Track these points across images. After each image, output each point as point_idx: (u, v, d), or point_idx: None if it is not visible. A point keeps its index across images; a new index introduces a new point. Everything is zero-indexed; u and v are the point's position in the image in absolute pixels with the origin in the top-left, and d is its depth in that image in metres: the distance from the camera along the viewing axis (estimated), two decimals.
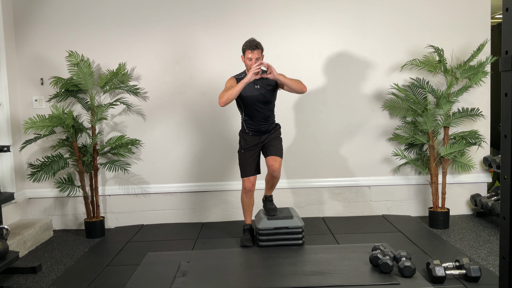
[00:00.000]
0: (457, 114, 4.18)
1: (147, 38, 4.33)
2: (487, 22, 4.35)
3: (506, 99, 1.35)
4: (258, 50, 3.39)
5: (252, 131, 3.58)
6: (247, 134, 3.60)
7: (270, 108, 3.57)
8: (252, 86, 3.44)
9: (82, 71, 3.98)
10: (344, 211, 4.50)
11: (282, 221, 3.54)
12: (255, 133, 3.58)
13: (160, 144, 4.42)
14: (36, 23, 4.29)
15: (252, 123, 3.56)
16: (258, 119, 3.54)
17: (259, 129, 3.56)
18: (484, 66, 4.04)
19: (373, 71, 4.39)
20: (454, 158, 4.12)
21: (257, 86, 3.47)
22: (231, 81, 3.46)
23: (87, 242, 4.01)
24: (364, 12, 4.35)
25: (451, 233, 3.92)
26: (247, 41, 3.44)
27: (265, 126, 3.57)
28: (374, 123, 4.43)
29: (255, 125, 3.55)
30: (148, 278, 2.96)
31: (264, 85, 3.49)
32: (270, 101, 3.55)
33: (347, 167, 4.48)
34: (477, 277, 2.78)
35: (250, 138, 3.59)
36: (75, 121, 4.05)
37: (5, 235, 3.23)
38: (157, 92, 4.38)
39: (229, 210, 4.48)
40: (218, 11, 4.34)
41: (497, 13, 5.65)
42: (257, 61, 3.37)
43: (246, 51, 3.41)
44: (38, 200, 4.41)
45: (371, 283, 2.73)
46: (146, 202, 4.46)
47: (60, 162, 4.03)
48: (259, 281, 2.85)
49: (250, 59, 3.39)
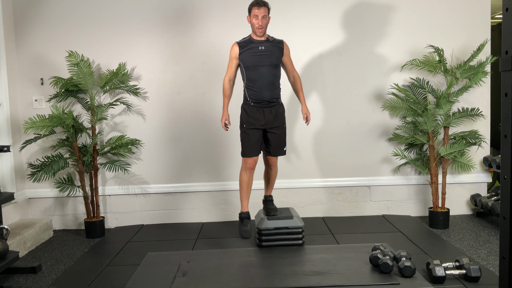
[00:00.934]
0: (457, 114, 4.18)
1: (147, 38, 4.33)
2: (487, 22, 4.35)
3: (506, 99, 1.35)
4: (265, 8, 3.30)
5: (254, 99, 3.37)
6: (248, 105, 3.41)
7: (274, 74, 3.41)
8: (256, 48, 3.35)
9: (82, 71, 3.98)
10: (344, 211, 4.50)
11: (282, 221, 3.54)
12: (257, 102, 3.37)
13: (160, 144, 4.42)
14: (36, 23, 4.29)
15: (254, 88, 3.36)
16: (261, 83, 3.35)
17: (261, 96, 3.35)
18: (484, 66, 4.04)
19: (373, 71, 4.39)
20: (454, 158, 4.12)
21: (262, 47, 3.36)
22: (232, 51, 3.40)
23: (87, 242, 4.01)
24: (364, 12, 4.35)
25: (451, 233, 3.92)
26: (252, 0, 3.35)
27: (268, 93, 3.36)
28: (374, 123, 4.43)
29: (258, 90, 3.35)
30: (148, 278, 2.96)
31: (270, 46, 3.39)
32: (275, 64, 3.40)
33: (347, 167, 4.48)
34: (477, 277, 2.78)
35: (252, 110, 3.39)
36: (75, 121, 4.05)
37: (5, 235, 3.23)
38: (157, 92, 4.38)
39: (229, 210, 4.48)
40: (218, 11, 4.34)
41: (497, 13, 5.65)
42: (263, 19, 3.30)
43: (252, 8, 3.31)
44: (38, 200, 4.41)
45: (371, 283, 2.73)
46: (146, 202, 4.46)
47: (60, 162, 4.03)
48: (259, 281, 2.85)
49: (256, 16, 3.29)
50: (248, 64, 3.36)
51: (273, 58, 3.38)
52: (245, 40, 3.41)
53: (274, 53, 3.39)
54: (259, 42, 3.37)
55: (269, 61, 3.37)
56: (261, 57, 3.35)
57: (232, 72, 3.44)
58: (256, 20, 3.30)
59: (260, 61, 3.35)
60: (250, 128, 3.41)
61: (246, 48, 3.36)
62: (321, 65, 4.40)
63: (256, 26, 3.32)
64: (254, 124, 3.40)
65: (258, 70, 3.35)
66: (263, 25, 3.33)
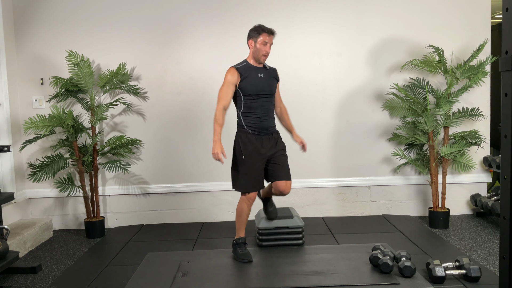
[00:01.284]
0: (457, 114, 4.18)
1: (147, 38, 4.33)
2: (487, 22, 4.35)
3: (506, 99, 1.35)
4: (273, 36, 3.17)
5: (253, 127, 3.16)
6: (245, 133, 3.18)
7: (272, 102, 3.25)
8: (256, 75, 3.15)
9: (82, 71, 3.98)
10: (344, 211, 4.50)
11: (282, 221, 3.54)
12: (256, 131, 3.16)
13: (160, 144, 4.42)
14: (36, 23, 4.29)
15: (252, 117, 3.16)
16: (261, 112, 3.16)
17: (261, 124, 3.16)
18: (484, 66, 4.04)
19: (373, 71, 4.39)
20: (454, 158, 4.12)
21: (261, 75, 3.18)
22: (230, 76, 3.13)
23: (87, 242, 4.01)
24: (364, 12, 4.35)
25: (451, 233, 3.92)
26: (259, 25, 3.16)
27: (267, 122, 3.19)
28: (374, 123, 4.43)
29: (256, 119, 3.16)
30: (148, 278, 2.96)
31: (268, 75, 3.22)
32: (273, 93, 3.24)
33: (347, 167, 4.48)
34: (477, 277, 2.78)
35: (250, 138, 3.16)
36: (75, 121, 4.05)
37: (5, 235, 3.23)
38: (157, 92, 4.38)
39: (229, 210, 4.48)
40: (218, 11, 4.34)
41: (497, 13, 5.65)
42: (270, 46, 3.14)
43: (262, 34, 3.11)
44: (38, 200, 4.41)
45: (371, 283, 2.73)
46: (146, 202, 4.46)
47: (60, 162, 4.03)
48: (259, 281, 2.85)
49: (266, 43, 3.11)
50: (250, 93, 3.13)
51: (272, 87, 3.23)
52: (243, 65, 3.18)
53: (272, 82, 3.24)
54: (257, 69, 3.19)
55: (269, 89, 3.20)
56: (262, 86, 3.16)
57: (229, 99, 3.14)
58: (265, 47, 3.12)
59: (262, 89, 3.15)
60: (251, 157, 3.14)
61: (246, 75, 3.14)
62: (321, 65, 4.40)
63: (262, 53, 3.12)
64: (254, 153, 3.14)
65: (259, 98, 3.15)
66: (269, 53, 3.17)
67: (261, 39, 3.11)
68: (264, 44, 3.11)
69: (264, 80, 3.18)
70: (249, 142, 3.15)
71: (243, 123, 3.19)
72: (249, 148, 3.14)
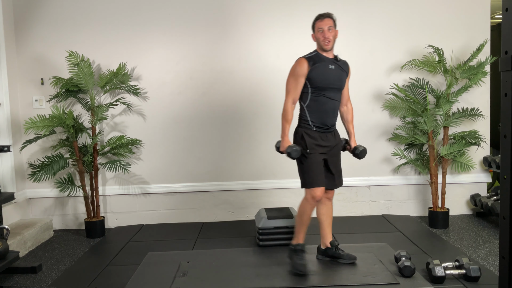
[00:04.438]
0: (457, 114, 4.18)
1: (147, 38, 4.33)
2: (487, 22, 4.36)
3: (506, 99, 1.35)
4: (329, 19, 2.92)
5: (317, 124, 2.93)
6: (309, 129, 2.93)
7: (339, 98, 3.01)
8: (326, 66, 2.91)
9: (82, 71, 3.98)
10: (344, 211, 4.50)
11: (282, 220, 3.54)
12: (320, 128, 2.93)
13: (160, 144, 4.42)
14: (36, 23, 4.29)
15: (317, 112, 2.92)
16: (328, 107, 2.93)
17: (325, 121, 2.93)
18: (484, 66, 4.04)
19: (373, 71, 4.40)
20: (453, 158, 4.12)
21: (332, 66, 2.93)
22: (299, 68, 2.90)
23: (87, 242, 4.01)
24: (364, 12, 4.36)
25: (450, 233, 3.92)
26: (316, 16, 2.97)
27: (333, 119, 2.97)
28: (374, 123, 4.44)
29: (322, 115, 2.92)
30: (148, 278, 2.97)
31: (340, 67, 2.97)
32: (342, 88, 3.01)
33: (347, 167, 4.45)
34: (476, 277, 2.78)
35: (314, 135, 2.93)
36: (75, 121, 4.05)
37: (5, 235, 3.23)
38: (157, 92, 4.38)
39: (229, 210, 4.48)
40: (218, 11, 4.34)
41: (497, 13, 5.65)
42: (329, 32, 2.88)
43: (315, 22, 2.93)
44: (38, 200, 4.41)
45: (371, 283, 2.73)
46: (146, 202, 4.46)
47: (60, 162, 4.03)
48: (259, 281, 2.85)
49: (321, 29, 2.89)
50: (318, 85, 2.89)
51: (342, 81, 2.98)
52: (313, 55, 2.96)
53: (343, 75, 2.99)
54: (328, 60, 2.94)
55: (339, 83, 2.95)
56: (332, 78, 2.92)
57: (298, 92, 2.93)
58: (322, 33, 2.90)
59: (332, 82, 2.91)
60: (315, 153, 2.91)
61: (316, 64, 2.89)
62: None
63: (322, 39, 2.90)
64: (318, 150, 2.92)
65: (328, 92, 2.91)
66: (330, 38, 2.90)
67: (316, 28, 2.94)
68: (321, 31, 2.89)
69: (335, 72, 2.93)
70: (314, 138, 2.92)
71: (308, 118, 2.95)
72: (314, 143, 2.91)
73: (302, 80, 2.91)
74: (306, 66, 2.88)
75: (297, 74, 2.90)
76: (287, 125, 2.94)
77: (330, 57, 2.97)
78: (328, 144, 2.95)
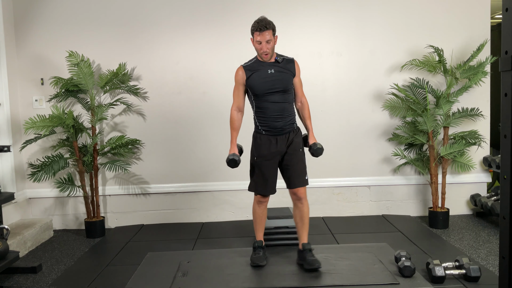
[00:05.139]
0: (457, 114, 4.18)
1: (147, 38, 4.33)
2: (487, 22, 4.36)
3: (506, 99, 1.35)
4: (269, 31, 2.84)
5: (266, 128, 2.96)
6: (259, 133, 3.00)
7: (286, 99, 2.96)
8: (265, 72, 2.91)
9: (82, 71, 3.98)
10: (344, 211, 4.50)
11: (282, 220, 3.55)
12: (269, 131, 2.96)
13: (160, 144, 4.42)
14: (36, 23, 4.29)
15: (264, 117, 2.95)
16: (273, 111, 2.92)
17: (274, 125, 2.94)
18: (484, 66, 4.04)
19: (373, 71, 4.40)
20: (454, 158, 4.12)
21: (272, 70, 2.92)
22: (237, 77, 2.98)
23: (87, 242, 4.01)
24: (364, 12, 4.36)
25: (450, 233, 3.92)
26: (255, 20, 2.89)
27: (281, 122, 2.94)
28: (374, 123, 4.43)
29: (268, 119, 2.94)
30: (148, 278, 2.96)
31: (280, 69, 2.94)
32: (287, 89, 2.95)
33: (347, 167, 4.49)
34: (476, 277, 2.78)
35: (263, 139, 2.97)
36: (75, 121, 4.05)
37: (5, 235, 3.23)
38: (157, 92, 4.38)
39: (229, 210, 4.48)
40: (218, 11, 4.34)
41: (497, 13, 5.65)
42: (268, 44, 2.84)
43: (254, 33, 2.87)
44: (38, 200, 4.41)
45: (371, 283, 2.73)
46: (146, 202, 4.46)
47: (60, 162, 4.03)
48: (259, 281, 2.85)
49: (259, 42, 2.85)
50: (257, 92, 2.92)
51: (284, 82, 2.94)
52: (252, 62, 2.98)
53: (285, 76, 2.95)
54: (267, 64, 2.94)
55: (281, 86, 2.92)
56: (271, 82, 2.90)
57: (241, 100, 3.01)
58: (260, 45, 2.86)
59: (271, 87, 2.90)
60: (261, 160, 2.97)
61: (253, 72, 2.93)
62: (321, 65, 4.40)
63: (260, 51, 2.89)
64: (266, 156, 2.96)
65: (269, 97, 2.92)
66: (268, 51, 2.87)
67: (254, 38, 2.89)
68: (259, 44, 2.86)
69: (275, 75, 2.92)
70: (262, 143, 2.98)
71: (257, 124, 3.01)
72: (261, 150, 2.97)
73: (242, 88, 3.00)
74: (241, 75, 2.96)
75: (236, 82, 3.01)
76: (233, 133, 3.05)
77: (271, 61, 2.96)
78: (279, 148, 2.97)
